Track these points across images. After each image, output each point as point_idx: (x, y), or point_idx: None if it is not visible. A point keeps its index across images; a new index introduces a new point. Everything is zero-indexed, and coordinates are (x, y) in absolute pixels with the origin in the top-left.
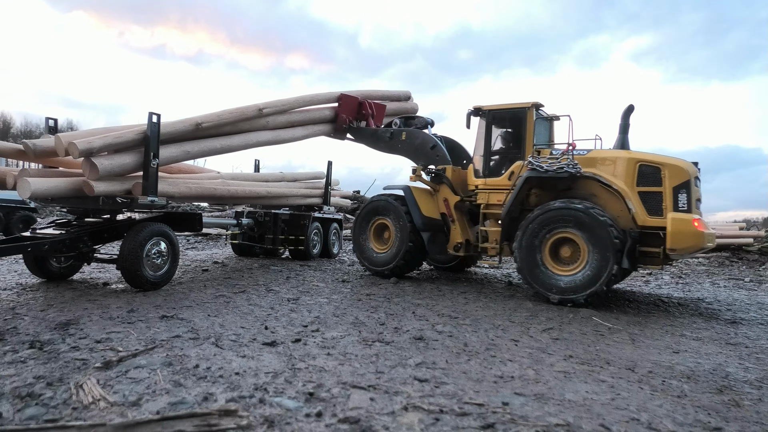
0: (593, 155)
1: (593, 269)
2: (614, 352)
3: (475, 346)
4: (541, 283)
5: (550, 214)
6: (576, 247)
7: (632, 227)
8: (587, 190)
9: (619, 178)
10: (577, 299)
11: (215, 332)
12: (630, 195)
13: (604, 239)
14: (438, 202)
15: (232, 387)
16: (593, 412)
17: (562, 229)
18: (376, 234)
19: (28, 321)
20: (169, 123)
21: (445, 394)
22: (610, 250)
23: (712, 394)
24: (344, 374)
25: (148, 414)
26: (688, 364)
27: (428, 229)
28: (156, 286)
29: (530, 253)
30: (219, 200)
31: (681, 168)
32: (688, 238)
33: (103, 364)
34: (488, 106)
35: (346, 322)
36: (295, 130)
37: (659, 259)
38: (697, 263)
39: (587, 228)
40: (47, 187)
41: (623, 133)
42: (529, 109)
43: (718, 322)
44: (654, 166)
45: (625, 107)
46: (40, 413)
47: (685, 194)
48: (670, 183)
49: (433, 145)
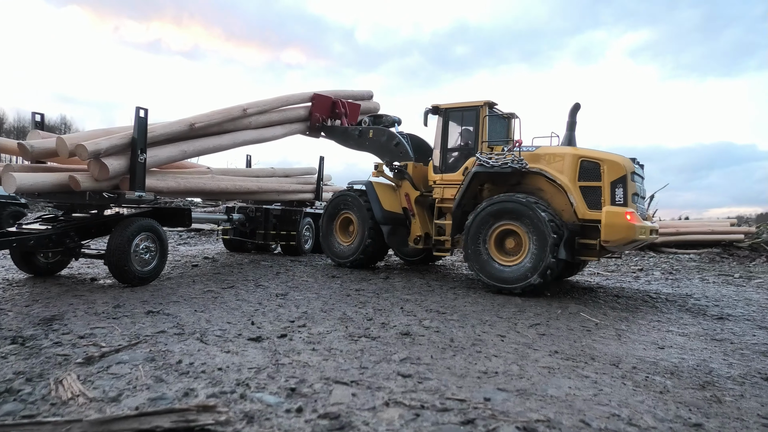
0: (540, 152)
1: (533, 260)
2: (600, 347)
3: (461, 341)
4: (487, 273)
5: (493, 208)
6: (520, 239)
7: (574, 220)
8: (534, 185)
9: (563, 174)
10: (514, 289)
11: (201, 327)
12: (572, 189)
13: (542, 231)
14: (400, 196)
15: (213, 382)
16: (574, 408)
17: (505, 221)
18: (341, 227)
19: (11, 316)
20: (166, 124)
21: (427, 389)
22: (548, 242)
23: (694, 390)
24: (328, 370)
25: (126, 410)
26: (673, 360)
27: (389, 222)
28: (144, 282)
29: (477, 245)
30: (209, 195)
31: (618, 164)
32: (620, 230)
33: (84, 359)
34: (445, 105)
35: (333, 317)
36: (275, 129)
37: (596, 251)
38: (688, 259)
39: (527, 220)
40: (33, 182)
41: (570, 130)
42: (482, 107)
43: (705, 318)
44: (594, 161)
45: (572, 105)
46: (17, 409)
47: (621, 189)
48: (608, 178)
49: (397, 143)
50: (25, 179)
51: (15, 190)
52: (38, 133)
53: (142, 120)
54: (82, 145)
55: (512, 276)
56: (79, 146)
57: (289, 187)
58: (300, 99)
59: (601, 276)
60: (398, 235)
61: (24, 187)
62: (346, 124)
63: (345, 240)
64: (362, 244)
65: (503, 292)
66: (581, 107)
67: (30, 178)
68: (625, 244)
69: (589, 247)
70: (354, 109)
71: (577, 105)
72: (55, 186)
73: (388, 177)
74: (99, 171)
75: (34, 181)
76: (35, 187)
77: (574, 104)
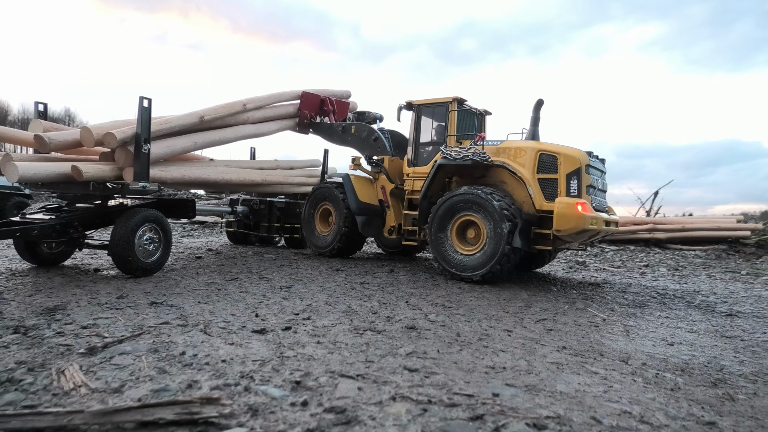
0: (504, 146)
1: (491, 249)
2: (608, 343)
3: (468, 336)
4: (448, 261)
5: (454, 199)
6: (479, 230)
7: (533, 211)
8: (498, 177)
9: (524, 167)
10: (474, 276)
11: (204, 319)
12: (531, 182)
13: (495, 216)
14: (377, 189)
15: (217, 374)
16: (585, 405)
17: (463, 213)
18: (322, 218)
19: (14, 306)
20: (178, 116)
21: (434, 384)
22: (502, 225)
23: (706, 388)
24: (333, 363)
25: (129, 401)
26: (683, 357)
27: (363, 213)
28: (147, 273)
29: (439, 235)
30: (213, 187)
31: (574, 157)
32: (570, 220)
33: (87, 350)
34: (417, 101)
35: (338, 310)
36: (270, 124)
37: (550, 240)
38: (694, 255)
39: (485, 211)
40: (35, 172)
41: (534, 125)
42: (451, 103)
43: (714, 315)
44: (551, 155)
45: (536, 101)
46: (18, 399)
47: (576, 181)
48: (563, 170)
49: (375, 138)
50: (27, 169)
51: (18, 179)
52: (40, 123)
53: (146, 110)
54: (111, 133)
55: (471, 264)
56: (107, 134)
57: (293, 180)
58: (291, 96)
59: (607, 272)
60: (373, 226)
61: (26, 176)
62: (334, 121)
63: (324, 230)
64: (338, 234)
65: (464, 280)
66: (544, 103)
67: (32, 168)
68: (576, 234)
69: (545, 236)
70: (342, 107)
71: (540, 101)
72: (58, 175)
73: (366, 170)
74: (125, 158)
75: (36, 170)
76: (37, 177)
77: (537, 100)
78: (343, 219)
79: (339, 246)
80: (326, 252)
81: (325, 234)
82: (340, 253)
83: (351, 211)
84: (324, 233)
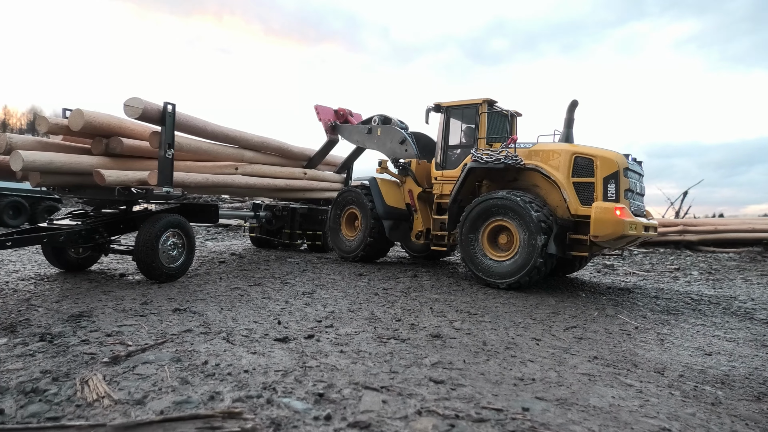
0: (536, 148)
1: (522, 259)
2: (642, 353)
3: (495, 344)
4: (477, 265)
5: (490, 202)
6: (512, 236)
7: (568, 216)
8: (530, 181)
9: (557, 170)
10: (499, 284)
11: (227, 327)
12: (565, 185)
13: (531, 227)
14: (404, 192)
15: (240, 386)
16: (620, 421)
17: (497, 217)
18: (348, 222)
19: (41, 312)
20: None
21: (461, 397)
22: (537, 237)
23: (749, 402)
24: (357, 374)
25: (151, 413)
26: (722, 368)
27: (390, 217)
28: (171, 278)
29: (470, 240)
30: (236, 192)
31: (611, 160)
32: (609, 225)
33: (111, 359)
34: (446, 103)
35: (361, 317)
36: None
37: (587, 246)
38: (728, 258)
39: (521, 219)
40: (38, 160)
41: (568, 127)
42: (481, 104)
43: (753, 322)
44: (587, 158)
45: (570, 102)
46: (42, 410)
47: (613, 185)
48: (600, 174)
49: (402, 140)
50: (31, 157)
51: (22, 167)
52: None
53: (170, 115)
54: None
55: (500, 271)
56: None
57: (317, 186)
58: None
59: (638, 276)
60: (401, 230)
61: (30, 164)
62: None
63: (350, 235)
64: (365, 239)
65: (489, 285)
66: (578, 104)
67: (36, 156)
68: (615, 240)
69: (581, 242)
70: (357, 116)
71: (574, 102)
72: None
73: (392, 173)
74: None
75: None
76: (41, 166)
77: (572, 101)
78: (370, 223)
79: (366, 250)
80: (350, 257)
81: (350, 239)
82: (366, 257)
83: (378, 220)
84: (349, 238)
